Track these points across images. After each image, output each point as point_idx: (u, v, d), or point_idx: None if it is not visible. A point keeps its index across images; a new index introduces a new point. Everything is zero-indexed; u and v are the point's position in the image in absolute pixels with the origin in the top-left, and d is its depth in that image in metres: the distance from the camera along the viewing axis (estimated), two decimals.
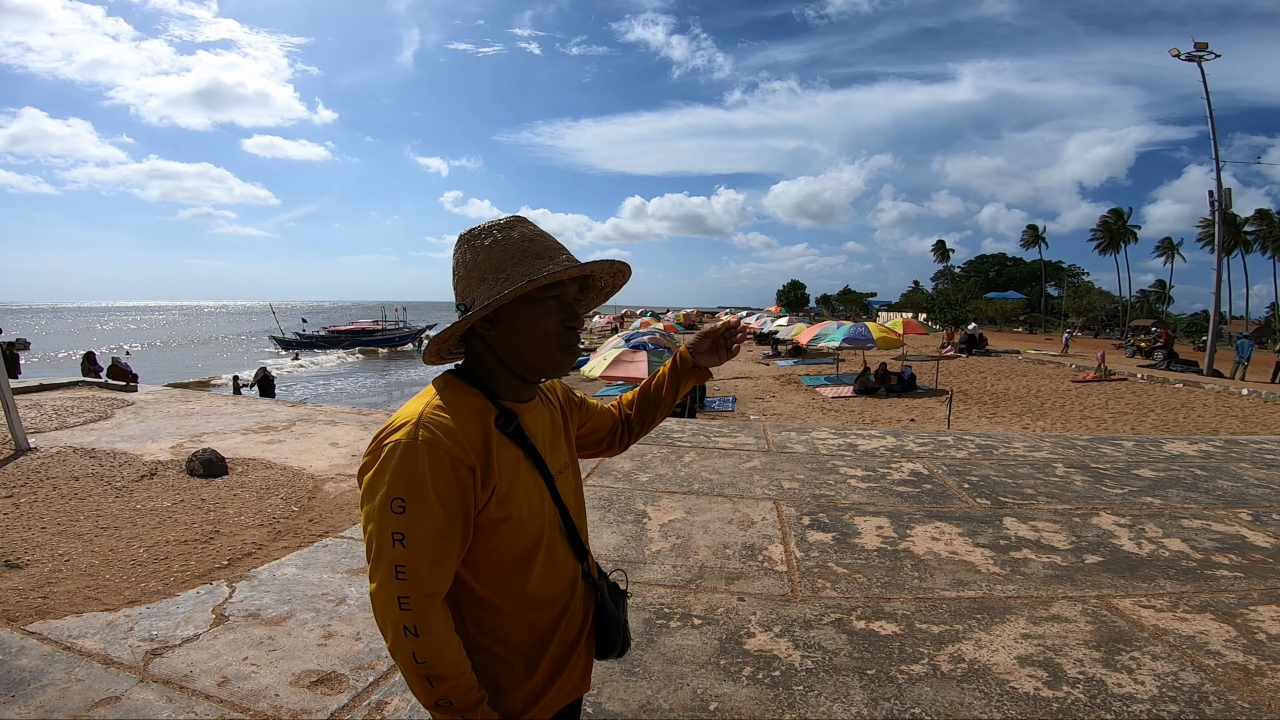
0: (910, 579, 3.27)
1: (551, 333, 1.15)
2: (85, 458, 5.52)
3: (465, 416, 1.11)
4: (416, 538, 1.03)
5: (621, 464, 5.27)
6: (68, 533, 3.91)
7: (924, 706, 2.26)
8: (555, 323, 1.15)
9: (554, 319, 1.15)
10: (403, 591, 1.03)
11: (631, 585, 3.19)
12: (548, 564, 1.20)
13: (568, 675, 1.25)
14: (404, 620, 1.03)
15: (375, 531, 1.05)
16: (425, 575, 1.04)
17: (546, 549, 1.19)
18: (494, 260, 1.13)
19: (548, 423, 1.29)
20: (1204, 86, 22.61)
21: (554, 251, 1.15)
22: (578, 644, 1.27)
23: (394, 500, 1.03)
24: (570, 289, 1.18)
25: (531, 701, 1.19)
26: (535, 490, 1.17)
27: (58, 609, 2.98)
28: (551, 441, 1.27)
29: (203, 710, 2.25)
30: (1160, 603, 3.02)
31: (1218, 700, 2.27)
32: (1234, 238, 51.10)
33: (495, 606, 1.16)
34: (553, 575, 1.21)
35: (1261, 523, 4.09)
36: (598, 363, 15.96)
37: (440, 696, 1.06)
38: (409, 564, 1.03)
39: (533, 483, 1.17)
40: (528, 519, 1.15)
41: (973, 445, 6.13)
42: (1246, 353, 21.34)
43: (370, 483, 1.06)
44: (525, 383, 1.21)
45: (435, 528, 1.04)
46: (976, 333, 31.92)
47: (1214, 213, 23.59)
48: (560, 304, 1.16)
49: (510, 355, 1.17)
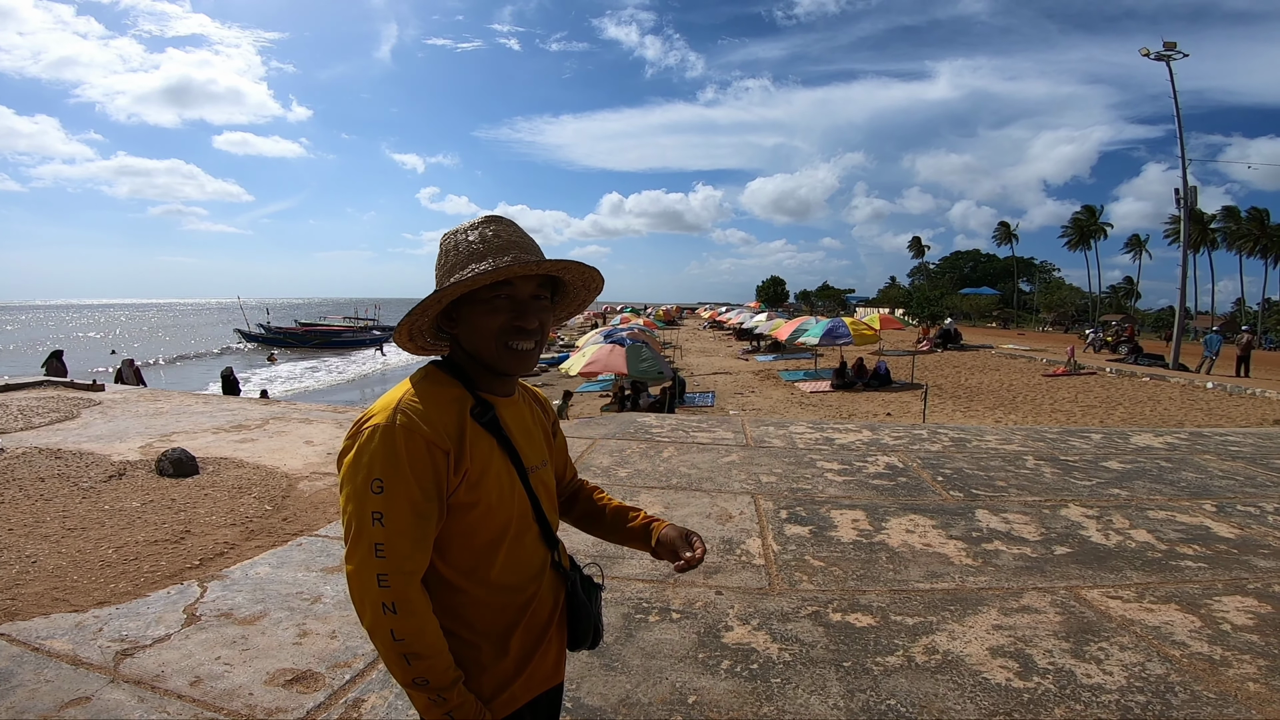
0: (885, 571, 3.31)
1: (495, 331, 1.18)
2: (51, 458, 5.40)
3: (442, 404, 1.15)
4: (395, 517, 1.07)
5: (601, 460, 5.28)
6: (34, 534, 3.83)
7: (899, 698, 2.29)
8: (501, 321, 1.18)
9: (500, 318, 1.18)
10: (382, 569, 1.06)
11: (610, 579, 3.20)
12: (515, 551, 1.22)
13: (538, 662, 1.26)
14: (383, 598, 1.06)
15: (354, 512, 1.08)
16: (404, 553, 1.07)
17: (515, 536, 1.22)
18: (449, 262, 1.19)
19: (527, 419, 1.33)
20: (1172, 85, 23.12)
21: (501, 252, 1.18)
22: (547, 632, 1.28)
23: (373, 481, 1.07)
24: (523, 289, 1.19)
25: (501, 687, 1.21)
26: (506, 479, 1.20)
27: (25, 610, 2.92)
28: (529, 437, 1.30)
29: (175, 710, 2.22)
30: (1127, 593, 3.09)
31: (1184, 690, 2.32)
32: (1201, 235, 52.29)
33: (463, 590, 1.19)
34: (520, 562, 1.24)
35: (1225, 514, 4.20)
36: (577, 358, 15.95)
37: (417, 675, 1.08)
38: (387, 542, 1.06)
39: (504, 471, 1.20)
40: (497, 505, 1.18)
41: (947, 438, 6.22)
42: (1215, 347, 21.86)
43: (350, 465, 1.10)
44: (497, 375, 1.24)
45: (413, 508, 1.08)
46: (952, 328, 32.34)
47: (1180, 210, 24.11)
48: (511, 303, 1.18)
49: (471, 350, 1.22)
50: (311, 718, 2.20)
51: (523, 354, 1.21)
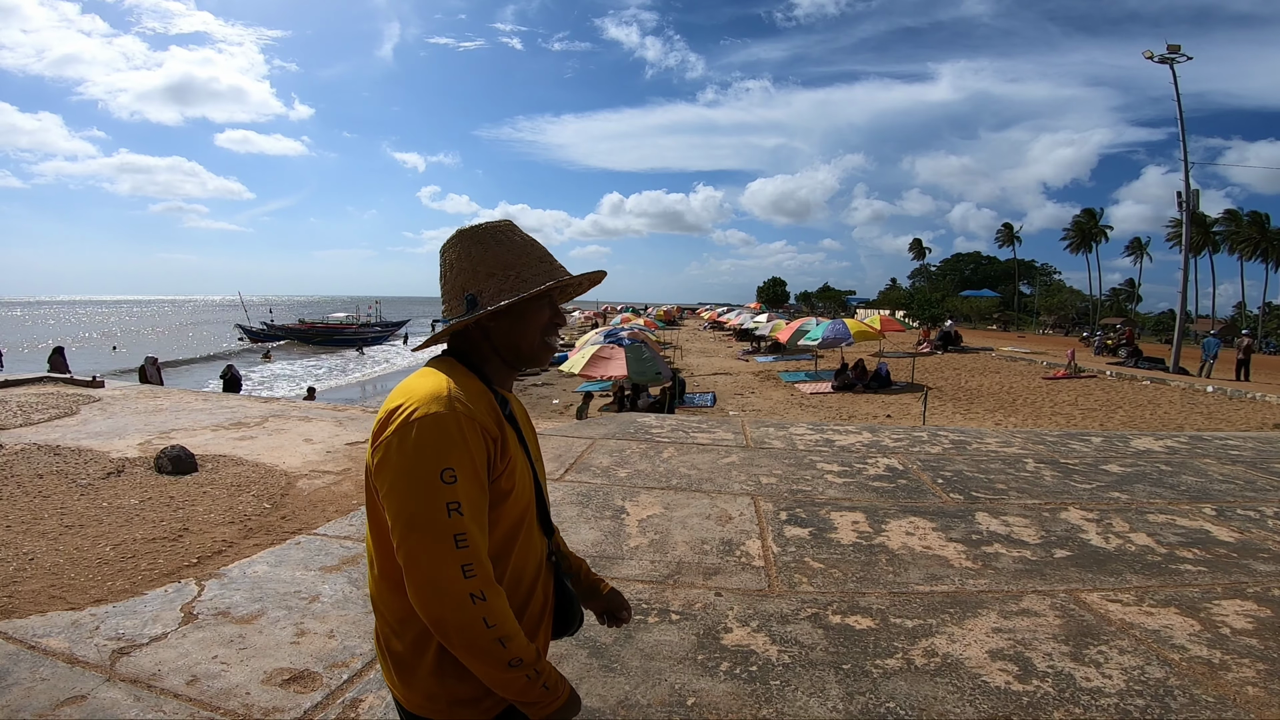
0: (885, 574, 3.31)
1: (541, 327, 1.26)
2: (50, 455, 5.39)
3: (475, 395, 1.16)
4: (470, 506, 1.07)
5: (600, 459, 5.27)
6: (32, 531, 3.82)
7: (898, 700, 2.28)
8: (546, 319, 1.27)
9: (546, 315, 1.27)
10: (466, 560, 1.05)
11: (610, 581, 3.19)
12: (528, 539, 1.25)
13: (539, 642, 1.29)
14: (471, 588, 1.05)
15: (422, 504, 1.05)
16: (481, 542, 1.08)
17: (528, 525, 1.25)
18: (503, 258, 1.23)
19: (523, 413, 1.39)
20: (1175, 88, 23.06)
21: (551, 257, 1.28)
22: (541, 620, 1.30)
23: (444, 470, 1.05)
24: (556, 291, 1.29)
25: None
26: (524, 468, 1.23)
27: (22, 608, 2.91)
28: (529, 431, 1.36)
29: (171, 709, 2.21)
30: (1127, 597, 3.08)
31: (1183, 694, 2.32)
32: (1202, 238, 52.30)
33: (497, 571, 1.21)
34: (531, 550, 1.26)
35: (1225, 517, 4.19)
36: (576, 359, 15.94)
37: (512, 657, 1.08)
38: (468, 531, 1.06)
39: (522, 461, 1.23)
40: (521, 494, 1.21)
41: (947, 441, 6.21)
42: (1213, 350, 21.86)
43: (410, 456, 1.06)
44: (513, 370, 1.31)
45: (481, 495, 1.10)
46: (952, 330, 32.33)
47: (1182, 213, 24.10)
48: (551, 304, 1.28)
49: (506, 345, 1.25)
50: (309, 718, 2.19)
51: (554, 348, 1.30)
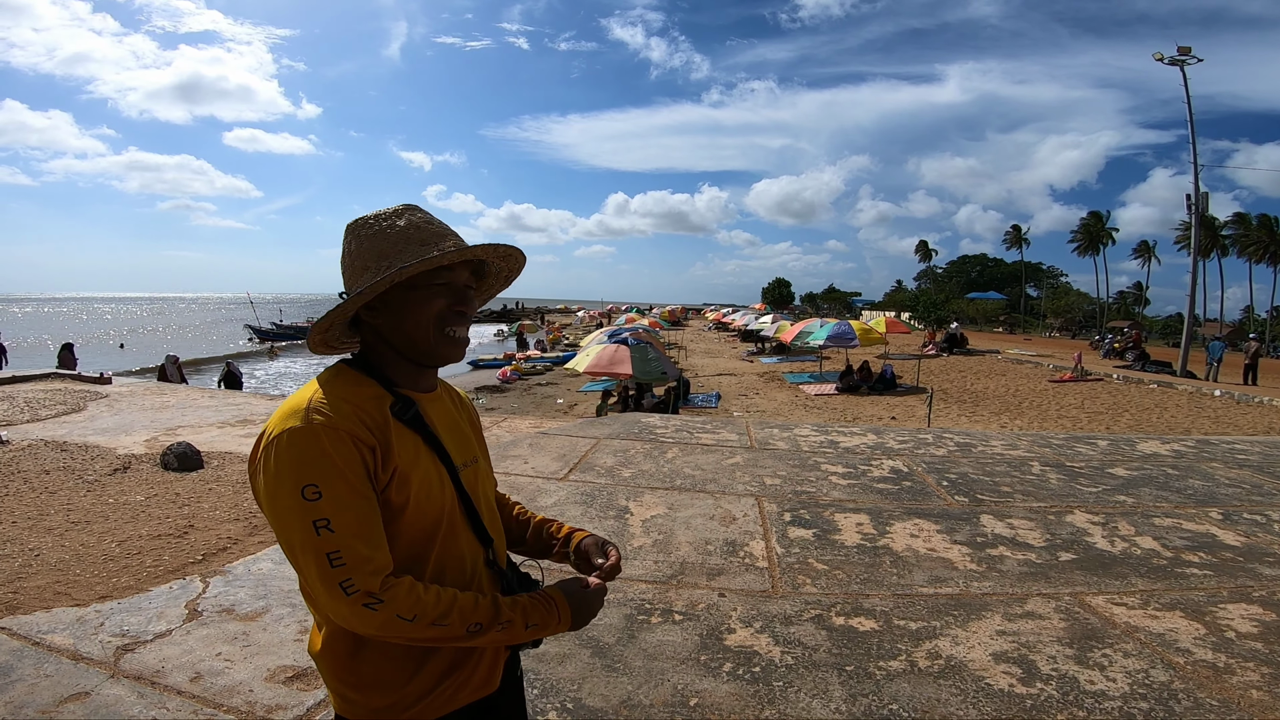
0: (889, 575, 3.30)
1: (433, 318, 1.14)
2: (57, 451, 5.42)
3: (359, 401, 1.09)
4: (341, 521, 0.99)
5: (605, 459, 5.27)
6: (38, 527, 3.84)
7: (901, 703, 2.28)
8: (440, 308, 1.15)
9: (439, 304, 1.15)
10: (343, 576, 0.98)
11: (613, 581, 3.19)
12: (447, 551, 1.17)
13: (468, 672, 1.19)
14: (360, 601, 0.98)
15: (294, 529, 0.99)
16: (363, 556, 1.00)
17: (446, 536, 1.16)
18: (377, 248, 1.14)
19: (451, 414, 1.28)
20: (1185, 91, 22.96)
21: (439, 238, 1.15)
22: None
23: (305, 488, 0.99)
24: (460, 275, 1.17)
25: (421, 695, 1.14)
26: (435, 477, 1.15)
27: (27, 604, 2.93)
28: (455, 433, 1.26)
29: (175, 706, 2.22)
30: (1132, 600, 3.07)
31: (1187, 698, 2.31)
32: (1211, 241, 52.04)
33: None
34: (452, 563, 1.17)
35: (1231, 521, 4.17)
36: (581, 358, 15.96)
37: (469, 625, 1.04)
38: (342, 547, 0.98)
39: (432, 469, 1.15)
40: (426, 505, 1.12)
41: (952, 443, 6.19)
42: (1218, 354, 21.78)
43: (271, 483, 1.01)
44: (421, 368, 1.20)
45: (355, 507, 1.01)
46: (958, 332, 32.24)
47: (1191, 216, 23.99)
48: (449, 290, 1.16)
49: (401, 342, 1.16)
50: (311, 715, 2.20)
51: (459, 341, 1.18)
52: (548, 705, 2.25)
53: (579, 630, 1.19)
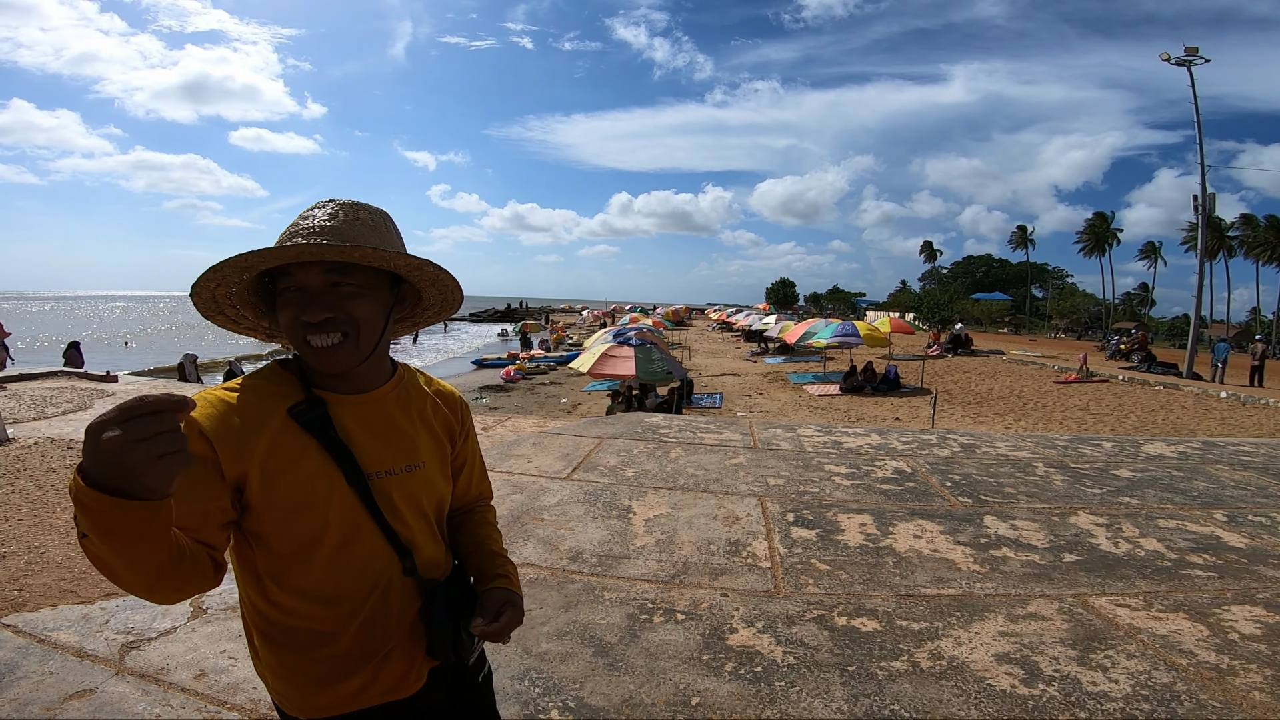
0: (892, 576, 3.30)
1: (289, 326, 1.09)
2: (63, 449, 5.45)
3: (248, 400, 1.08)
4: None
5: (608, 459, 5.28)
6: (44, 524, 3.87)
7: (903, 703, 2.28)
8: (290, 316, 1.09)
9: (290, 312, 1.08)
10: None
11: (615, 580, 3.20)
12: (341, 560, 1.13)
13: (370, 675, 1.17)
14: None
15: None
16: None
17: (338, 545, 1.12)
18: None
19: (382, 420, 1.21)
20: (1193, 91, 22.84)
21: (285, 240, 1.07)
22: (387, 643, 1.18)
23: None
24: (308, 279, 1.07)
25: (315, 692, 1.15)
26: (323, 481, 1.10)
27: (33, 601, 2.95)
28: (384, 439, 1.19)
29: (179, 703, 2.23)
30: (1135, 602, 3.06)
31: (1189, 699, 2.30)
32: (1218, 242, 51.79)
33: (280, 593, 1.12)
34: (348, 572, 1.14)
35: (1236, 523, 4.15)
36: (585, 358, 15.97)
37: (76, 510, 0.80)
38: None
39: (320, 473, 1.10)
40: (304, 509, 1.09)
41: (956, 444, 6.18)
42: (1223, 355, 21.69)
43: None
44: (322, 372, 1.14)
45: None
46: (962, 333, 32.17)
47: (1198, 216, 23.89)
48: (301, 295, 1.08)
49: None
50: None
51: (322, 350, 1.08)
52: (549, 704, 2.26)
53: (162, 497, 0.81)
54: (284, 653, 1.14)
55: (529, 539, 3.63)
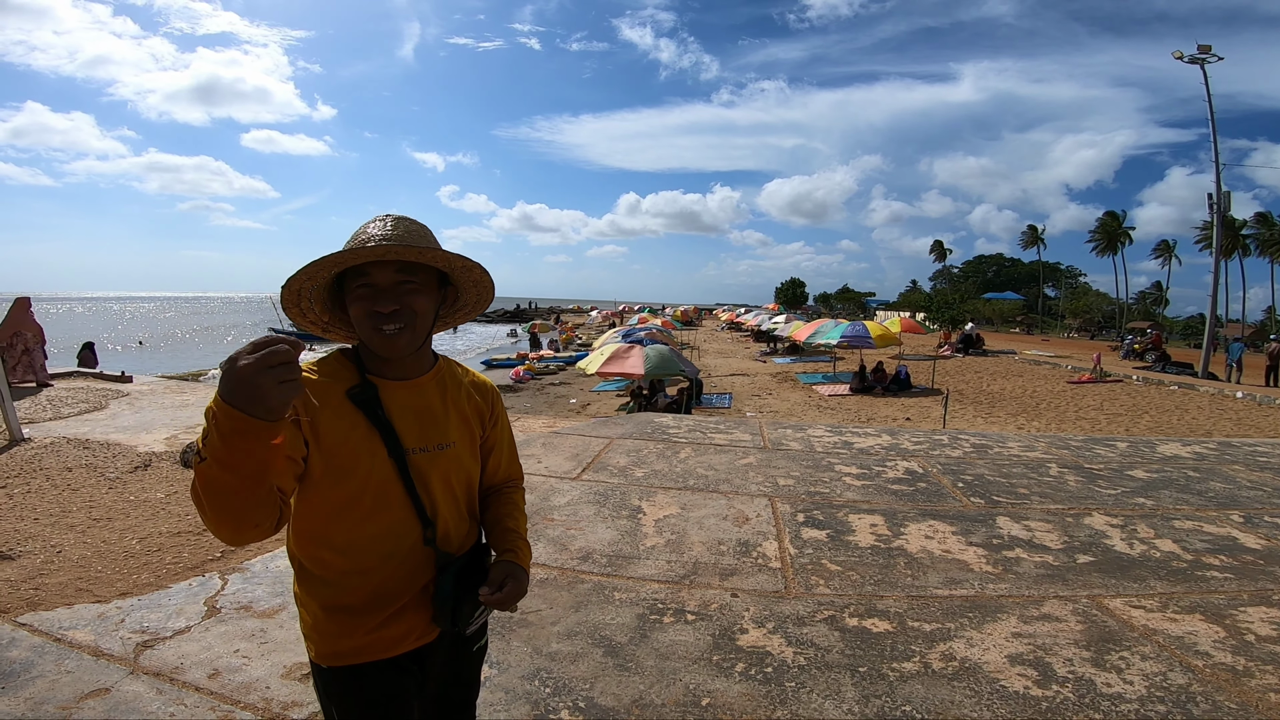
0: (903, 577, 3.28)
1: (360, 318, 1.27)
2: (79, 448, 5.50)
3: (318, 379, 1.26)
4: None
5: (617, 459, 5.28)
6: (60, 524, 3.90)
7: (915, 704, 2.26)
8: (361, 309, 1.26)
9: (362, 305, 1.26)
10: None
11: (625, 580, 3.20)
12: (370, 524, 1.29)
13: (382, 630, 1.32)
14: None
15: None
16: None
17: (369, 511, 1.28)
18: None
19: (423, 404, 1.38)
20: (1206, 89, 22.60)
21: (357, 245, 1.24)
22: (399, 601, 1.33)
23: None
24: (380, 277, 1.25)
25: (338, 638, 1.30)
26: (366, 454, 1.27)
27: (49, 600, 2.97)
28: (423, 420, 1.36)
29: (193, 702, 2.25)
30: (1150, 603, 3.03)
31: (1205, 701, 2.28)
32: (1232, 241, 51.23)
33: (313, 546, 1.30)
34: (375, 535, 1.29)
35: (1253, 524, 4.11)
36: (594, 358, 15.98)
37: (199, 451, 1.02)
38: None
39: (366, 448, 1.27)
40: (346, 477, 1.26)
41: (968, 444, 6.14)
42: (1237, 355, 21.46)
43: None
44: (381, 358, 1.32)
45: None
46: (974, 333, 31.94)
47: (1213, 215, 23.63)
48: (371, 291, 1.26)
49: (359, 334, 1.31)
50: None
51: (388, 336, 1.26)
52: (560, 704, 2.26)
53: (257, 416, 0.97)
54: (311, 601, 1.33)
55: (539, 539, 3.64)
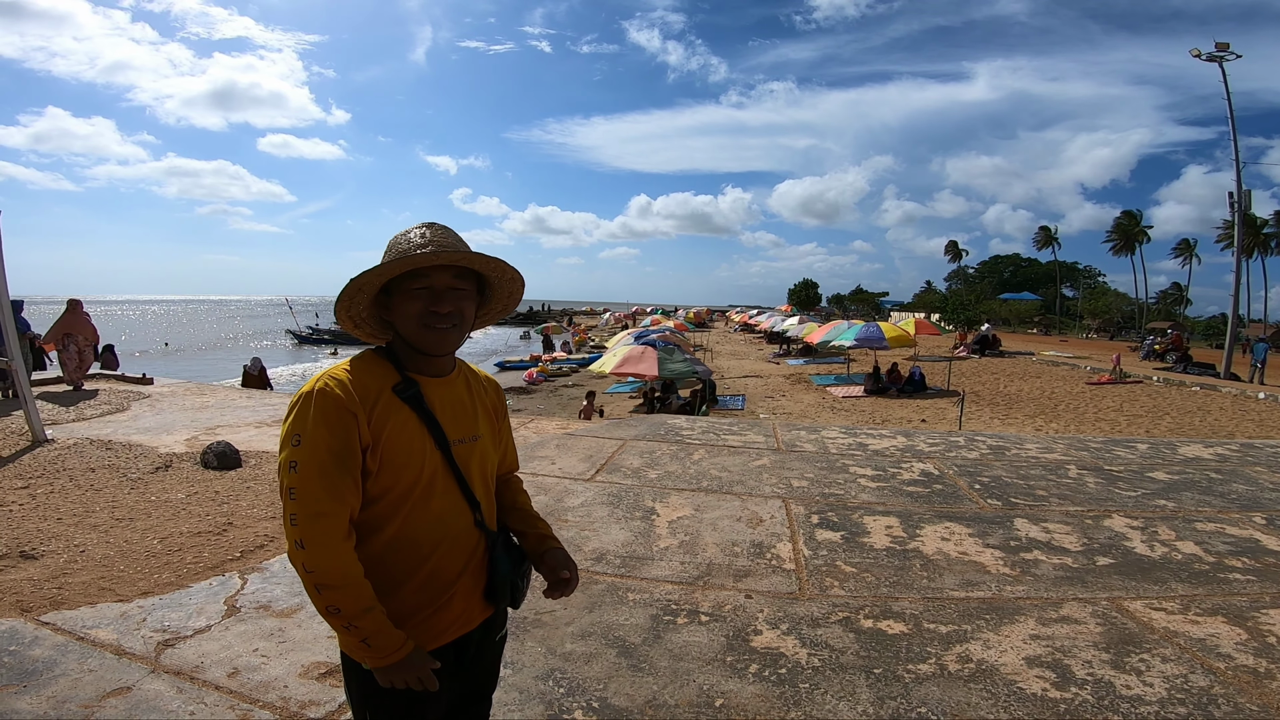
0: (919, 579, 3.26)
1: (414, 316, 1.35)
2: (101, 449, 5.58)
3: (363, 378, 1.33)
4: (306, 464, 1.23)
5: (631, 461, 5.28)
6: (83, 524, 3.96)
7: (930, 706, 2.25)
8: (419, 308, 1.35)
9: (418, 305, 1.35)
10: (292, 510, 1.22)
11: (639, 581, 3.20)
12: (423, 510, 1.36)
13: (440, 613, 1.39)
14: (293, 535, 1.22)
15: (281, 465, 1.25)
16: (313, 495, 1.22)
17: (421, 498, 1.36)
18: (384, 258, 1.37)
19: (462, 397, 1.49)
20: (1225, 87, 22.29)
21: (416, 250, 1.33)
22: (453, 585, 1.41)
23: (293, 436, 1.25)
24: (439, 280, 1.35)
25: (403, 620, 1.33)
26: (419, 446, 1.35)
27: (72, 599, 3.02)
28: (458, 414, 1.45)
29: (212, 701, 2.27)
30: (1171, 605, 2.99)
31: (1226, 703, 2.25)
32: (1253, 239, 50.41)
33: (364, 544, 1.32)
34: (428, 520, 1.37)
35: (1276, 526, 4.04)
36: (608, 359, 16.00)
37: (329, 604, 1.23)
38: (298, 486, 1.22)
39: (418, 440, 1.35)
40: (403, 468, 1.33)
41: (984, 446, 6.09)
42: (1261, 355, 21.13)
43: (283, 429, 1.29)
44: (422, 355, 1.41)
45: (322, 457, 1.24)
46: (990, 334, 31.66)
47: (1233, 214, 23.30)
48: (429, 293, 1.35)
49: (403, 333, 1.39)
50: (342, 711, 2.24)
51: (439, 333, 1.37)
52: (573, 704, 2.27)
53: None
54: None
55: None
